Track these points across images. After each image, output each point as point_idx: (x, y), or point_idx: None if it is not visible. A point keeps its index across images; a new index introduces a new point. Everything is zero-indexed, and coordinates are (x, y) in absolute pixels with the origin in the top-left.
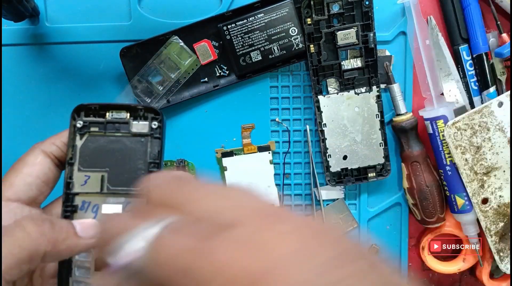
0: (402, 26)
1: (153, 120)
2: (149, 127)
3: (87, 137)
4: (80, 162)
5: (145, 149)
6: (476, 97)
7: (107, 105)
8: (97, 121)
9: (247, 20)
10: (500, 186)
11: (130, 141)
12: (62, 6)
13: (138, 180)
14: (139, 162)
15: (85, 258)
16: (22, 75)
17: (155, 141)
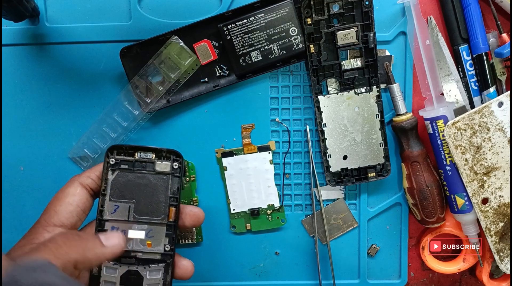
0: (402, 26)
1: (174, 161)
2: (171, 167)
3: (118, 173)
4: (111, 194)
5: (167, 186)
6: (476, 97)
7: (136, 147)
8: (127, 159)
9: (247, 20)
10: (500, 186)
11: (154, 178)
12: (62, 6)
13: (159, 211)
14: (161, 196)
15: (112, 274)
16: (22, 75)
17: (175, 179)
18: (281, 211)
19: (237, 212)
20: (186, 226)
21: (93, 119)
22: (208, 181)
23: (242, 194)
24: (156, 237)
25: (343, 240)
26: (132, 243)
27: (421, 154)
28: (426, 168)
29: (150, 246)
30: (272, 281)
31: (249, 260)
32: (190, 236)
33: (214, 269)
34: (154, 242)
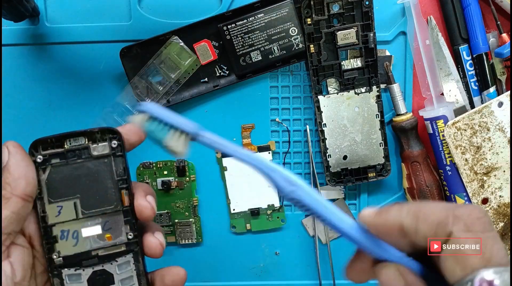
0: (402, 26)
1: (112, 140)
2: (109, 148)
3: (50, 170)
4: (49, 195)
5: (110, 169)
6: (476, 97)
7: (63, 135)
8: (56, 152)
9: (247, 20)
10: (500, 186)
11: (94, 164)
12: (62, 6)
13: (109, 198)
14: (107, 182)
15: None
16: (22, 75)
17: (118, 159)
18: (281, 211)
19: (237, 212)
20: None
21: (93, 119)
22: (208, 181)
23: (242, 194)
24: (114, 228)
25: (343, 240)
26: (89, 242)
27: (421, 154)
28: (426, 168)
29: (110, 239)
30: (272, 281)
31: (249, 260)
32: (190, 236)
33: (214, 269)
34: (114, 234)
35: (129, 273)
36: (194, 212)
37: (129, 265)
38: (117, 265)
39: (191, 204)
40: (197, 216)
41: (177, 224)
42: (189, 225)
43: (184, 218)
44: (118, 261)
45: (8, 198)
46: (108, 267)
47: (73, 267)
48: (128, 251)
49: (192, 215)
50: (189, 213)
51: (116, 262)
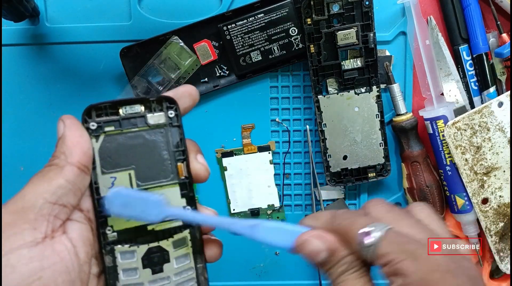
0: (402, 26)
1: (169, 109)
2: (166, 117)
3: (104, 138)
4: (102, 165)
5: (167, 139)
6: (476, 97)
7: (119, 101)
8: (111, 119)
9: (247, 20)
10: (500, 186)
11: (150, 134)
12: (62, 6)
13: (166, 170)
14: (163, 153)
15: (130, 258)
16: (22, 75)
17: (174, 129)
18: (281, 211)
19: (237, 212)
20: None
21: None
22: (208, 181)
23: (242, 194)
24: (171, 202)
25: None
26: None
27: (421, 154)
28: (426, 168)
29: None
30: (272, 281)
31: (249, 260)
32: None
33: (214, 269)
34: None
35: (185, 250)
36: None
37: (186, 241)
38: (172, 241)
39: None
40: None
41: None
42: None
43: None
44: (174, 237)
45: (62, 166)
46: (164, 243)
47: (127, 243)
48: (185, 226)
49: None
50: None
51: (172, 239)
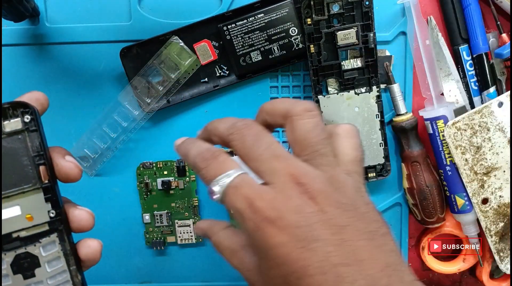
0: (402, 26)
1: (24, 114)
2: (22, 123)
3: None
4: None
5: (25, 145)
6: (476, 97)
7: None
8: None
9: (247, 20)
10: (500, 186)
11: (7, 141)
12: (62, 6)
13: (27, 176)
14: (23, 159)
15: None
16: (22, 75)
17: (33, 134)
18: None
19: None
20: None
21: (93, 119)
22: None
23: None
24: (35, 207)
25: None
26: (9, 224)
27: (421, 154)
28: (426, 168)
29: (31, 219)
30: None
31: None
32: (190, 237)
33: (214, 269)
34: (35, 214)
35: (55, 254)
36: (194, 212)
37: (55, 245)
38: (41, 246)
39: (191, 204)
40: (197, 216)
41: (177, 224)
42: (189, 225)
43: (184, 218)
44: (42, 242)
45: None
46: (31, 249)
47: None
48: (51, 230)
49: (192, 215)
50: (189, 213)
51: (40, 243)
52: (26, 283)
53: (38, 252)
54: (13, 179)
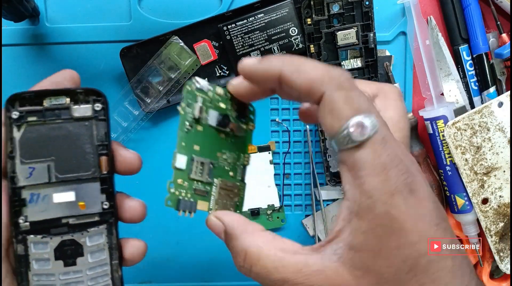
0: (402, 26)
1: (95, 102)
2: (92, 110)
3: (25, 128)
4: (22, 154)
5: (91, 133)
6: (476, 97)
7: (44, 91)
8: (34, 109)
9: (247, 20)
10: (500, 186)
11: (74, 126)
12: (62, 6)
13: (87, 164)
14: (86, 146)
15: (43, 249)
16: (22, 75)
17: (100, 123)
18: (281, 211)
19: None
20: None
21: None
22: None
23: None
24: (89, 196)
25: None
26: (60, 209)
27: (421, 154)
28: (426, 168)
29: (84, 207)
30: None
31: None
32: (230, 206)
33: (214, 269)
34: (88, 202)
35: (101, 246)
36: (242, 174)
37: (102, 237)
38: (88, 236)
39: (241, 161)
40: (243, 183)
41: (219, 185)
42: (233, 190)
43: (228, 178)
44: (89, 231)
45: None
46: (78, 237)
47: (40, 234)
48: (101, 221)
49: (239, 179)
50: (234, 174)
51: (88, 233)
52: (65, 270)
53: (84, 242)
54: (73, 165)
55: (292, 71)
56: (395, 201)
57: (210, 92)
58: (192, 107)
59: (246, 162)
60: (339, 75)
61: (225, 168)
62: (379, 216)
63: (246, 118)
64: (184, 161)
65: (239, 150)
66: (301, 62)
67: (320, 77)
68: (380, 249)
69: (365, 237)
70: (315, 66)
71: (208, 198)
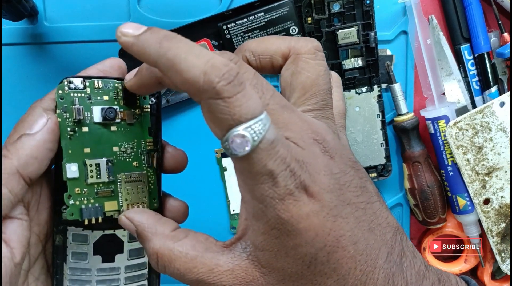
0: (403, 26)
1: (150, 96)
2: None
3: None
4: None
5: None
6: (478, 97)
7: (96, 78)
8: None
9: (247, 19)
10: (502, 186)
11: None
12: (60, 5)
13: (139, 160)
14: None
15: (82, 242)
16: (20, 75)
17: (153, 117)
18: None
19: (237, 213)
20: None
21: None
22: (208, 181)
23: None
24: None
25: None
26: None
27: (422, 154)
28: (428, 168)
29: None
30: None
31: None
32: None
33: None
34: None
35: (140, 244)
36: (148, 160)
37: None
38: (129, 233)
39: (143, 148)
40: (151, 169)
41: (123, 180)
42: (141, 180)
43: (132, 170)
44: None
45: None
46: (120, 232)
47: (83, 226)
48: None
49: (145, 165)
50: (139, 162)
51: None
52: (102, 266)
53: (125, 238)
54: (125, 161)
55: (168, 71)
56: (284, 205)
57: (88, 89)
58: (69, 110)
59: (149, 147)
60: (219, 75)
61: (127, 160)
62: (271, 220)
63: (137, 101)
64: (76, 169)
65: (139, 137)
66: (178, 56)
67: (196, 80)
68: (278, 250)
69: (264, 238)
70: (193, 65)
71: (116, 197)
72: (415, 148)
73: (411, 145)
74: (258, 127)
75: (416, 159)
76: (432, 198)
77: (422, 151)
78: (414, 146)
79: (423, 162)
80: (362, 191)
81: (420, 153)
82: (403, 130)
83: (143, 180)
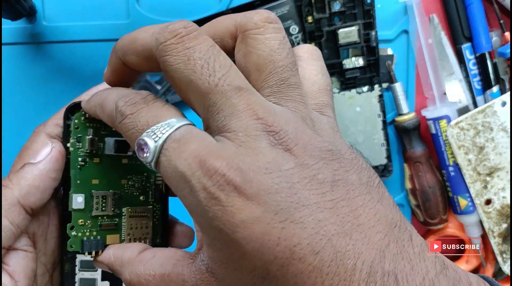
0: (404, 25)
1: None
2: None
3: None
4: None
5: None
6: (479, 97)
7: None
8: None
9: None
10: (503, 187)
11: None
12: (59, 4)
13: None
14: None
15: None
16: (19, 75)
17: None
18: None
19: None
20: None
21: None
22: None
23: None
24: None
25: None
26: None
27: (424, 154)
28: (429, 168)
29: None
30: None
31: None
32: (144, 234)
33: None
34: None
35: None
36: (154, 195)
37: None
38: None
39: (151, 182)
40: (157, 205)
41: (127, 214)
42: (146, 215)
43: (138, 204)
44: None
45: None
46: None
47: (90, 253)
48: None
49: (151, 200)
50: (146, 197)
51: None
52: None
53: None
54: (132, 195)
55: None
56: (212, 213)
57: None
58: (83, 141)
59: (158, 181)
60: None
61: (134, 194)
62: (209, 231)
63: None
64: (82, 200)
65: (148, 170)
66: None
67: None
68: (227, 262)
69: (212, 249)
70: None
71: (119, 230)
72: (416, 148)
73: (412, 145)
74: (161, 129)
75: (417, 159)
76: (433, 198)
77: (423, 151)
78: (415, 146)
79: (424, 162)
80: (333, 186)
81: (421, 153)
82: (404, 130)
83: (148, 215)
